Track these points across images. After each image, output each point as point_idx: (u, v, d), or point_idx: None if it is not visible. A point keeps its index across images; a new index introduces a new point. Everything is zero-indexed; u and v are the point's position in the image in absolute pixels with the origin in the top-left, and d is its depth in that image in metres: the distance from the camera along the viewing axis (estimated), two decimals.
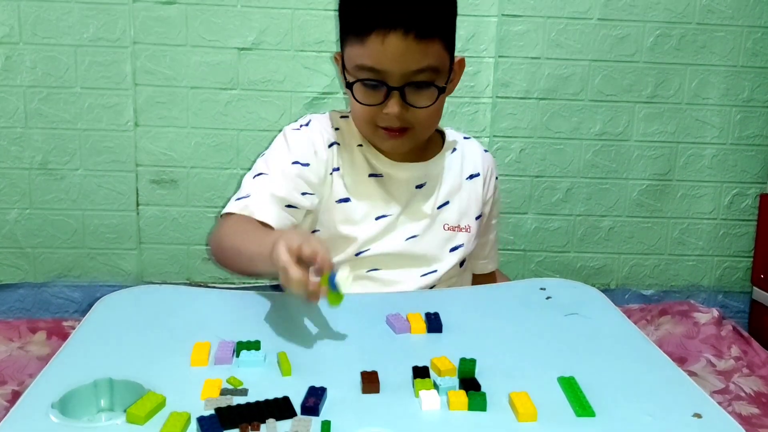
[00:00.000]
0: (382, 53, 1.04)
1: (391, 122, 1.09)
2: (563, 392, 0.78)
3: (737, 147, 1.85)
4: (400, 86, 1.06)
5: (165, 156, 1.75)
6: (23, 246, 1.77)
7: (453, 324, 0.95)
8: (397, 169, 1.17)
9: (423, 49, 1.04)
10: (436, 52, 1.07)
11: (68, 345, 0.89)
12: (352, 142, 1.18)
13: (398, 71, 1.05)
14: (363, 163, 1.17)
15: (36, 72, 1.69)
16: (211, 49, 1.71)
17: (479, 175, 1.23)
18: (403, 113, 1.08)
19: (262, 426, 0.71)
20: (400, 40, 1.03)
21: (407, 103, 1.07)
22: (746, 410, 1.39)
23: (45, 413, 0.72)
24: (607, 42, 1.76)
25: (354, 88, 1.09)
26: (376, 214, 1.16)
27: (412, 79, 1.06)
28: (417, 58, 1.05)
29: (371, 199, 1.16)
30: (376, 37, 1.03)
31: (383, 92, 1.07)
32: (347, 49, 1.10)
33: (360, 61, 1.07)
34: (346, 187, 1.16)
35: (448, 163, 1.22)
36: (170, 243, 1.79)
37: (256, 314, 0.98)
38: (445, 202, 1.20)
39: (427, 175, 1.19)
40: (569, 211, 1.85)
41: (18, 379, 1.45)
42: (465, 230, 1.21)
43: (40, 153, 1.73)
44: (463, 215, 1.21)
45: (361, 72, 1.07)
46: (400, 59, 1.04)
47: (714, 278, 1.93)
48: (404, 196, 1.17)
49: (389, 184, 1.17)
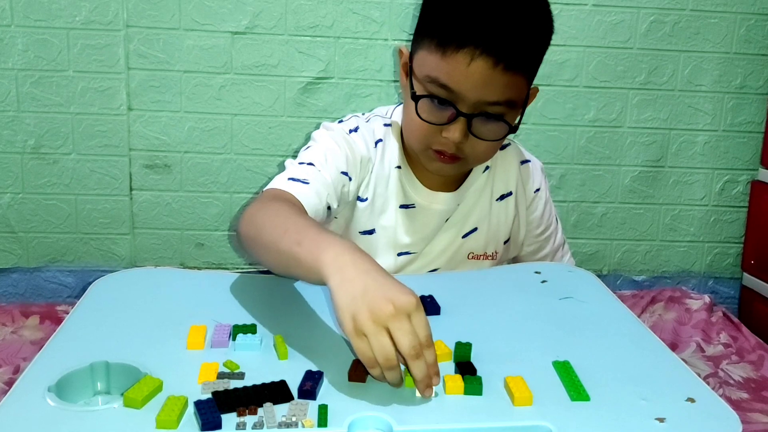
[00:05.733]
0: (464, 75, 0.94)
1: (447, 147, 1.00)
2: (558, 376, 0.79)
3: (729, 134, 1.86)
4: (470, 113, 0.96)
5: (158, 140, 1.74)
6: (16, 230, 1.76)
7: (448, 308, 0.95)
8: (431, 200, 1.09)
9: (507, 80, 0.95)
10: (518, 86, 0.97)
11: (63, 328, 0.88)
12: (391, 161, 1.09)
13: (474, 98, 0.95)
14: (397, 190, 1.09)
15: (28, 55, 1.67)
16: (204, 32, 1.70)
17: (511, 194, 1.14)
18: (464, 141, 0.98)
19: (259, 410, 0.71)
20: (489, 68, 0.93)
21: (471, 133, 0.98)
22: (735, 395, 1.40)
23: (42, 397, 0.73)
24: (601, 28, 1.76)
25: (420, 101, 0.98)
26: (400, 250, 1.10)
27: (484, 109, 0.96)
28: (498, 89, 0.95)
29: (396, 233, 1.09)
30: (464, 57, 0.93)
31: (449, 113, 0.97)
32: (422, 54, 0.98)
33: (435, 74, 0.96)
34: (374, 218, 1.08)
35: (480, 184, 1.13)
36: (164, 228, 1.79)
37: (252, 297, 0.98)
38: (472, 229, 1.13)
39: (459, 202, 1.11)
40: (563, 198, 1.86)
41: (12, 363, 1.45)
42: (491, 257, 1.14)
43: (33, 137, 1.71)
44: (490, 241, 1.14)
45: (434, 86, 0.96)
46: (481, 87, 0.94)
47: (705, 264, 1.94)
48: (432, 228, 1.11)
49: (419, 216, 1.10)
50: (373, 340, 0.71)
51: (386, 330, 0.71)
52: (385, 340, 0.70)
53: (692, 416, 0.73)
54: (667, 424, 0.71)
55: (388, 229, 1.08)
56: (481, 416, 0.72)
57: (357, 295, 0.72)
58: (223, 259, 1.81)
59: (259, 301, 0.97)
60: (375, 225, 1.09)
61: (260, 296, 0.98)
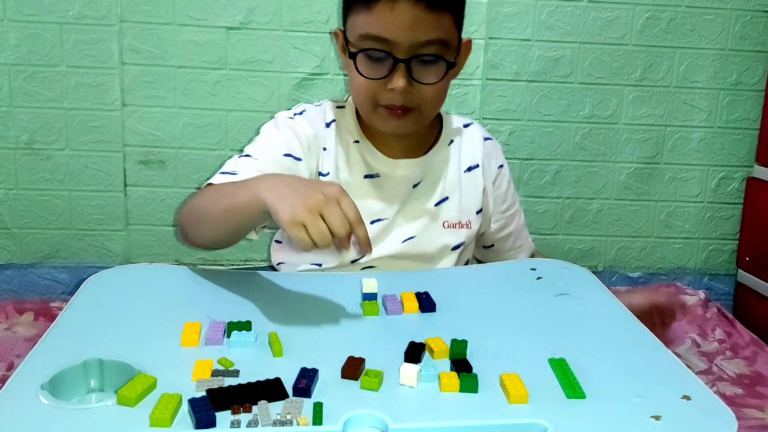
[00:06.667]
0: (390, 21, 0.99)
1: (394, 99, 1.04)
2: (554, 374, 0.79)
3: (725, 130, 1.86)
4: (407, 58, 1.01)
5: (152, 136, 1.73)
6: (9, 227, 1.75)
7: (444, 304, 0.95)
8: (394, 167, 1.13)
9: (434, 19, 1.00)
10: (446, 25, 1.02)
11: (57, 325, 0.88)
12: (347, 137, 1.13)
13: (406, 41, 1.00)
14: (359, 162, 1.12)
15: (21, 50, 1.66)
16: (198, 28, 1.69)
17: (478, 167, 1.18)
18: (408, 90, 1.02)
19: (253, 407, 0.71)
20: (410, 8, 0.98)
21: (413, 79, 1.02)
22: (730, 390, 1.40)
23: (35, 394, 0.72)
24: (597, 24, 1.76)
25: (357, 59, 1.03)
26: (371, 218, 1.12)
27: (420, 51, 1.01)
28: (427, 28, 1.00)
29: (366, 203, 1.11)
30: (385, 3, 0.99)
31: (388, 65, 1.02)
32: (351, 19, 1.05)
33: (366, 29, 1.01)
34: None
35: (446, 156, 1.17)
36: (158, 224, 1.78)
37: (246, 294, 0.98)
38: (444, 198, 1.15)
39: (425, 171, 1.14)
40: (558, 194, 1.86)
41: (6, 360, 1.44)
42: (466, 226, 1.16)
43: (26, 132, 1.71)
44: (463, 211, 1.16)
45: (366, 41, 1.02)
46: (409, 28, 0.99)
47: (700, 261, 1.94)
48: (401, 196, 1.13)
49: (386, 184, 1.13)
50: (311, 227, 0.83)
51: (320, 216, 0.83)
52: (321, 224, 0.83)
53: (688, 414, 0.73)
54: (663, 421, 0.71)
55: (357, 199, 1.10)
56: (477, 414, 0.71)
57: (291, 196, 0.85)
58: (218, 255, 1.81)
59: (253, 298, 0.97)
60: None
61: (255, 293, 0.98)
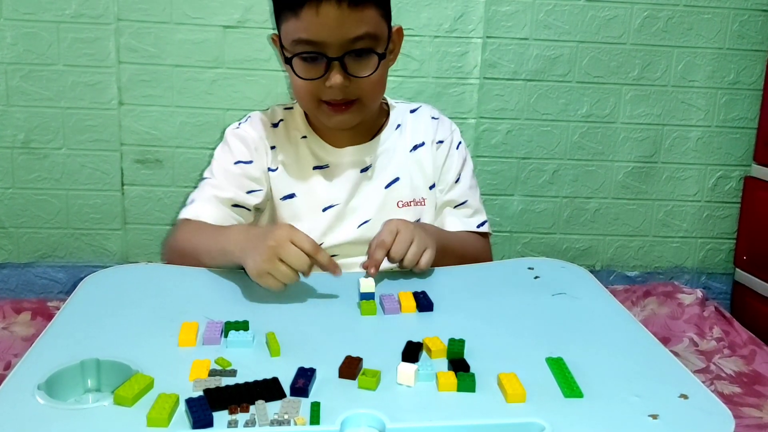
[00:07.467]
0: (317, 24, 1.03)
1: (334, 95, 1.09)
2: (551, 373, 0.79)
3: (722, 129, 1.86)
4: (339, 56, 1.05)
5: (149, 135, 1.73)
6: (6, 226, 1.75)
7: (441, 304, 0.95)
8: (341, 155, 1.18)
9: (358, 16, 1.04)
10: (372, 19, 1.06)
11: (53, 325, 0.88)
12: (296, 134, 1.19)
13: (336, 41, 1.04)
14: (308, 156, 1.18)
15: (17, 48, 1.66)
16: (195, 26, 1.68)
17: (423, 144, 1.22)
18: (346, 85, 1.07)
19: (251, 407, 0.71)
20: (334, 9, 1.02)
21: (349, 74, 1.07)
22: (728, 389, 1.40)
23: (31, 394, 0.72)
24: (594, 23, 1.76)
25: (293, 63, 1.09)
26: (323, 206, 1.17)
27: (350, 47, 1.06)
28: (353, 25, 1.04)
29: (317, 193, 1.17)
30: (309, 8, 1.03)
31: (323, 65, 1.06)
32: (283, 26, 1.09)
33: (296, 35, 1.06)
34: (290, 183, 1.17)
35: (393, 141, 1.21)
36: (156, 223, 1.78)
37: (243, 294, 0.98)
38: (395, 179, 1.20)
39: (373, 156, 1.19)
40: (555, 193, 1.85)
41: (3, 359, 1.43)
42: (420, 203, 1.20)
43: (22, 131, 1.70)
44: (415, 188, 1.21)
45: (299, 46, 1.07)
46: (336, 28, 1.04)
47: (697, 260, 1.94)
48: (350, 182, 1.18)
49: (334, 172, 1.18)
50: (275, 273, 0.93)
51: (279, 260, 0.92)
52: (283, 267, 0.93)
53: (685, 412, 0.73)
54: (660, 420, 0.71)
55: (308, 190, 1.18)
56: (474, 413, 0.71)
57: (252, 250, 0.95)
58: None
59: (251, 297, 0.97)
60: (294, 190, 1.18)
61: (252, 293, 0.98)
